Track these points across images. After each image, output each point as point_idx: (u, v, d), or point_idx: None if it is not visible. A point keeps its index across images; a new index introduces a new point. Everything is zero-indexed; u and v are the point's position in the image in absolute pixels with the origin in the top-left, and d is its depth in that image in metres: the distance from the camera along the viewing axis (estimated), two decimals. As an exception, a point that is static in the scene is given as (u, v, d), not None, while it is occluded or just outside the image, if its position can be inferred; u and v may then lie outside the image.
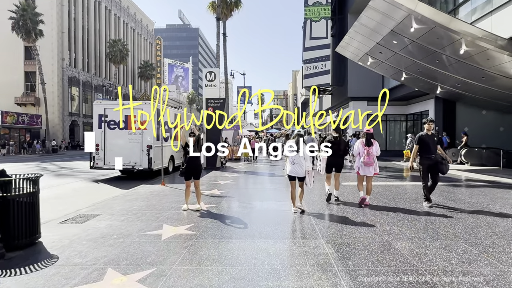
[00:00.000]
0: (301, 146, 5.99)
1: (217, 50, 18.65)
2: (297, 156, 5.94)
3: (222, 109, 14.23)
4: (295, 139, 6.11)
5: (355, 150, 7.27)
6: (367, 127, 7.18)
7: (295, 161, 5.95)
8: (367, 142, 6.89)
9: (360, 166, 6.91)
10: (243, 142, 15.74)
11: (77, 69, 47.23)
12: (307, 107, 60.00)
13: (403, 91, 19.75)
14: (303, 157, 5.98)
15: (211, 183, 9.89)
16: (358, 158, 7.01)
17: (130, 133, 11.78)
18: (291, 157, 5.99)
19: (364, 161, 6.79)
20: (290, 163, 6.02)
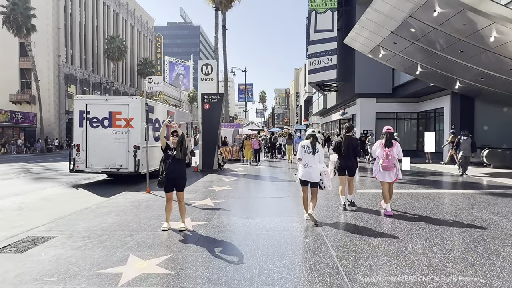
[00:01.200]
0: (316, 148, 5.37)
1: (215, 43, 17.28)
2: (311, 158, 5.31)
3: (219, 106, 12.89)
4: (309, 140, 5.46)
5: (373, 152, 6.24)
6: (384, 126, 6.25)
7: (308, 164, 5.32)
8: (386, 142, 5.97)
9: (378, 170, 6.01)
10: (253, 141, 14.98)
11: (74, 66, 45.98)
12: (310, 105, 58.52)
13: (415, 87, 18.32)
14: (318, 160, 5.34)
15: (205, 190, 8.54)
16: (376, 161, 6.13)
17: (115, 132, 10.45)
18: (304, 160, 5.36)
19: (383, 164, 5.87)
20: (303, 166, 5.38)
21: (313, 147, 5.36)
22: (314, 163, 5.32)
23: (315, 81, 22.69)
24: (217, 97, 12.83)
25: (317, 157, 5.34)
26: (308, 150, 5.37)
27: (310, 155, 5.31)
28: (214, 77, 12.94)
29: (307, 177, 5.34)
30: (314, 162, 5.32)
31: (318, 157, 5.35)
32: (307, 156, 5.34)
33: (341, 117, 27.36)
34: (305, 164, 5.36)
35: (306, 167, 5.34)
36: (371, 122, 21.37)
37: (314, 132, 5.69)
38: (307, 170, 5.32)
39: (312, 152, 5.33)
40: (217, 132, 12.92)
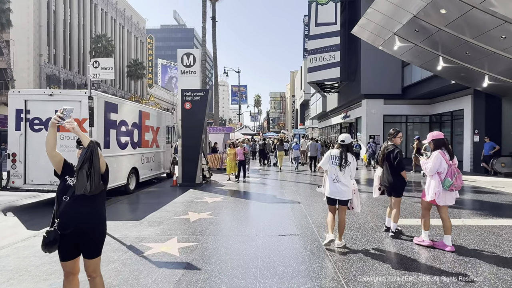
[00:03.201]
0: (348, 160, 4.45)
1: (203, 34, 14.92)
2: (340, 172, 4.45)
3: (204, 105, 10.48)
4: (340, 149, 4.55)
5: (434, 167, 4.41)
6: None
7: (338, 178, 4.48)
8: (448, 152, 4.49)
9: (443, 191, 4.37)
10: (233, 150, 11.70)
11: (57, 66, 43.29)
12: (306, 108, 56.34)
13: (430, 87, 16.14)
14: (349, 174, 4.49)
15: (174, 221, 6.09)
16: (436, 179, 4.39)
17: (63, 137, 7.97)
18: (331, 172, 4.54)
19: (456, 183, 4.32)
20: (331, 180, 4.53)
21: (343, 158, 4.43)
22: (344, 177, 4.45)
23: (315, 80, 20.43)
24: (201, 94, 10.41)
25: (347, 171, 4.45)
26: (336, 161, 4.48)
27: (338, 168, 4.43)
28: (197, 69, 10.55)
29: (337, 194, 4.47)
30: (344, 176, 4.44)
31: (349, 171, 4.46)
32: (335, 168, 4.47)
33: (343, 120, 25.12)
34: (334, 178, 4.48)
35: (335, 182, 4.46)
36: (378, 126, 19.13)
37: (345, 142, 4.53)
38: (337, 186, 4.45)
39: (339, 164, 4.43)
40: (201, 136, 10.48)
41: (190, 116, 10.42)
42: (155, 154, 12.00)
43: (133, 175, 10.13)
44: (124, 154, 9.45)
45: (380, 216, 6.13)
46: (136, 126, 10.28)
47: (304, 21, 35.12)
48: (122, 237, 5.00)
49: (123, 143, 9.41)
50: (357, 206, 4.64)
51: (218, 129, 16.21)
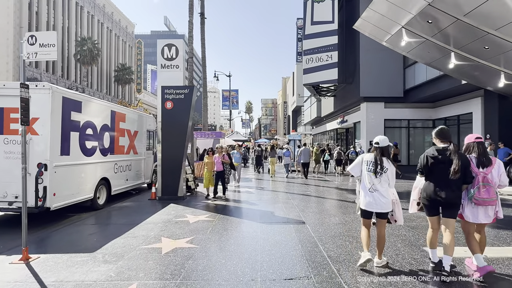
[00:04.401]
0: (384, 166, 3.69)
1: (189, 29, 13.45)
2: (376, 180, 3.70)
3: (188, 104, 8.96)
4: (374, 154, 3.77)
5: None
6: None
7: (374, 187, 3.72)
8: (480, 159, 3.63)
9: (467, 204, 3.65)
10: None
11: (39, 69, 41.30)
12: (298, 115, 55.25)
13: (434, 89, 14.99)
14: (386, 182, 3.73)
15: (142, 253, 4.52)
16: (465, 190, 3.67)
17: (7, 141, 6.36)
18: (366, 181, 3.80)
19: (480, 196, 3.48)
20: (367, 190, 3.77)
21: (379, 164, 3.74)
22: (382, 185, 3.74)
23: (311, 82, 19.12)
24: (185, 91, 8.90)
25: (384, 179, 3.74)
26: (370, 167, 3.79)
27: (373, 175, 3.74)
28: (180, 63, 9.05)
29: (374, 206, 3.75)
30: (381, 184, 3.73)
31: (387, 178, 3.75)
32: (370, 176, 3.77)
33: (339, 126, 23.85)
34: (369, 188, 3.79)
35: (372, 192, 3.76)
36: (378, 131, 17.81)
37: (380, 144, 3.83)
38: (374, 196, 3.74)
39: (375, 170, 3.74)
40: (185, 141, 8.93)
41: (172, 118, 8.88)
42: (133, 162, 10.40)
43: (103, 187, 8.50)
44: (90, 162, 7.84)
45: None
46: (108, 129, 8.69)
47: (297, 24, 34.10)
48: (56, 285, 3.42)
49: (90, 149, 7.81)
50: (400, 218, 3.98)
51: (206, 134, 14.62)
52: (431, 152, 3.73)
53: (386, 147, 3.82)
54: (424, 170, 3.74)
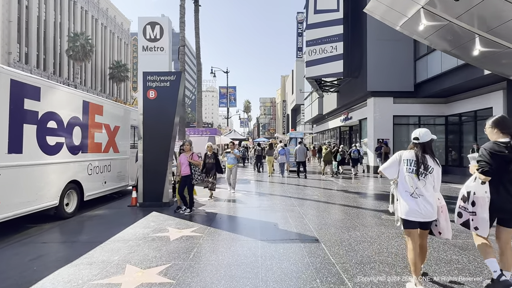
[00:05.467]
0: (428, 165, 3.03)
1: (181, 14, 12.05)
2: (420, 183, 3.02)
3: (175, 93, 7.57)
4: (414, 151, 3.13)
5: None
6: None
7: (418, 191, 3.03)
8: None
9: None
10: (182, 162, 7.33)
11: (29, 65, 39.75)
12: (298, 114, 53.91)
13: (447, 83, 13.68)
14: (431, 185, 3.05)
15: None
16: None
17: None
18: (410, 184, 3.06)
19: None
20: (408, 196, 3.06)
21: (421, 162, 3.04)
22: (426, 189, 3.02)
23: (314, 76, 17.75)
24: (171, 78, 7.50)
25: (429, 181, 3.02)
26: (412, 168, 3.06)
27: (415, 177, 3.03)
28: (165, 45, 7.67)
29: (419, 215, 3.01)
30: (426, 188, 3.01)
31: (431, 181, 3.03)
32: (412, 178, 3.05)
33: (343, 123, 22.51)
34: (412, 192, 3.04)
35: (415, 197, 3.02)
36: (387, 129, 16.54)
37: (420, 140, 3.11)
38: (418, 203, 3.01)
39: (417, 171, 3.03)
40: (171, 138, 7.54)
41: (156, 109, 7.49)
42: (113, 161, 9.02)
43: (72, 191, 7.12)
44: (54, 162, 6.44)
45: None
46: (79, 122, 7.30)
47: (297, 18, 32.75)
48: None
49: (53, 146, 6.41)
50: (446, 229, 3.23)
51: (199, 131, 13.21)
52: (495, 147, 2.94)
53: (428, 142, 3.13)
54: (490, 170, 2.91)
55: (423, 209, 3.01)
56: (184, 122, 12.39)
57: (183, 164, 6.89)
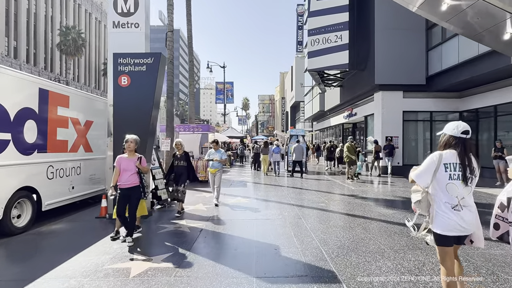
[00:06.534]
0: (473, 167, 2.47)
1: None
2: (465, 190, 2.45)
3: (153, 80, 6.16)
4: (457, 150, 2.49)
5: None
6: None
7: (464, 201, 2.44)
8: None
9: None
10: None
11: (18, 60, 38.22)
12: (297, 111, 52.53)
13: (465, 74, 12.34)
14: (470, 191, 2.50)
15: None
16: None
17: None
18: (454, 193, 2.44)
19: None
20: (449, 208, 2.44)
21: (467, 166, 2.46)
22: (470, 197, 2.50)
23: (317, 68, 16.37)
24: (148, 61, 6.10)
25: (473, 186, 2.52)
26: (457, 174, 2.44)
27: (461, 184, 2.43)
28: (140, 21, 6.29)
29: (462, 229, 2.44)
30: (470, 195, 2.50)
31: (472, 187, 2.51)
32: (456, 186, 2.43)
33: (346, 120, 21.13)
34: (456, 204, 2.43)
35: (458, 209, 2.42)
36: (396, 125, 15.18)
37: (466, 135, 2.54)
38: (463, 216, 2.42)
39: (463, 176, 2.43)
40: (147, 135, 6.14)
41: (129, 99, 6.09)
42: (84, 162, 7.64)
43: (25, 200, 5.74)
44: None
45: None
46: (33, 115, 5.91)
47: (297, 11, 31.31)
48: None
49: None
50: (479, 237, 2.55)
51: (190, 127, 11.78)
52: None
53: (469, 139, 2.55)
54: None
55: (468, 221, 2.45)
56: (172, 117, 11.00)
57: (127, 170, 4.74)
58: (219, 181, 7.59)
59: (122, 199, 4.69)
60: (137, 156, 4.88)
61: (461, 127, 2.54)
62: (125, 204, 4.69)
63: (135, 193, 4.75)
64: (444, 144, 2.57)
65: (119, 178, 4.73)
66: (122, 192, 4.70)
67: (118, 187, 4.72)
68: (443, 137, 2.63)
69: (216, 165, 7.51)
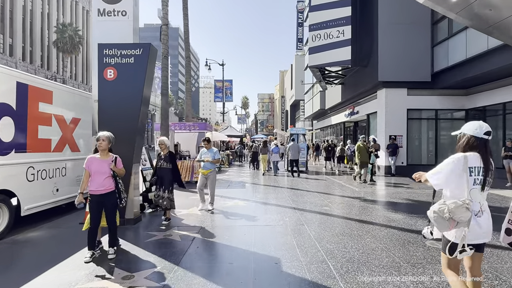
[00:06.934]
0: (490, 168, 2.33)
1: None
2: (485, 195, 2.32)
3: (141, 72, 5.62)
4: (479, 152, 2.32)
5: None
6: None
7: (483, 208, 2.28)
8: None
9: None
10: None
11: (14, 58, 37.63)
12: (297, 110, 52.00)
13: (472, 71, 11.85)
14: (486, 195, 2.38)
15: None
16: None
17: None
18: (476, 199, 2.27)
19: None
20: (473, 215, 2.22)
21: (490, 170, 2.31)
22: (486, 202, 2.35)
23: (318, 64, 15.84)
24: (136, 52, 5.58)
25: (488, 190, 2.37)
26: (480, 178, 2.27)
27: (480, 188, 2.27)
28: (128, 8, 5.76)
29: (481, 236, 2.29)
30: (485, 200, 2.34)
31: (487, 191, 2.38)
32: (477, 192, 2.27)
33: (348, 118, 20.61)
34: (478, 211, 2.26)
35: (479, 216, 2.27)
36: (400, 124, 14.67)
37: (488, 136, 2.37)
38: (480, 222, 2.26)
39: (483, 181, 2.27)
40: (135, 134, 5.62)
41: (116, 94, 5.56)
42: (70, 163, 7.11)
43: (2, 205, 5.22)
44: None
45: None
46: (9, 111, 5.38)
47: (297, 7, 30.75)
48: None
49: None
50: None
51: (186, 125, 11.20)
52: None
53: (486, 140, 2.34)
54: None
55: (487, 228, 2.30)
56: (167, 115, 10.47)
57: (100, 174, 4.03)
58: (213, 184, 6.88)
59: (96, 207, 4.03)
60: (112, 157, 4.21)
61: (484, 127, 2.36)
62: (99, 214, 4.07)
63: (110, 200, 4.10)
64: (464, 145, 2.36)
65: (90, 182, 4.06)
66: (94, 199, 4.03)
67: (89, 193, 4.07)
68: (462, 137, 2.41)
69: (208, 166, 6.83)
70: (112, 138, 4.27)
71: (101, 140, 4.12)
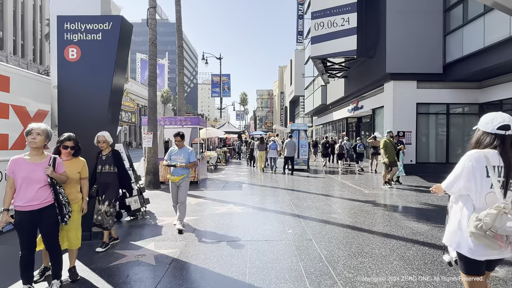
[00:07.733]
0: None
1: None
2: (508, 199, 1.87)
3: (110, 53, 4.57)
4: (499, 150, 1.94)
5: None
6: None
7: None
8: None
9: None
10: None
11: (4, 52, 36.40)
12: (296, 106, 50.92)
13: (491, 60, 10.82)
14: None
15: None
16: None
17: None
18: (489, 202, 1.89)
19: None
20: None
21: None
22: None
23: (321, 55, 14.76)
24: (104, 26, 4.49)
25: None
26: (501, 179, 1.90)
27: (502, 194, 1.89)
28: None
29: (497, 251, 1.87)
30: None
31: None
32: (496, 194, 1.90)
33: (351, 114, 19.57)
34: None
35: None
36: (409, 119, 13.64)
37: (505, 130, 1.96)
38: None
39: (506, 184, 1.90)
40: (106, 127, 4.57)
41: (79, 79, 4.51)
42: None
43: None
44: None
45: None
46: None
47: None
48: None
49: None
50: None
51: (176, 120, 10.09)
52: None
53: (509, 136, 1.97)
54: None
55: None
56: (155, 108, 9.41)
57: (32, 182, 2.90)
58: (184, 194, 5.24)
59: (27, 228, 2.89)
60: (48, 157, 3.06)
61: (497, 120, 2.00)
62: (31, 236, 2.96)
63: (47, 217, 2.96)
64: (474, 141, 2.09)
65: (17, 195, 2.89)
66: (23, 218, 2.87)
67: (15, 210, 2.91)
68: (477, 132, 2.11)
69: (179, 172, 5.20)
70: (48, 133, 3.04)
71: (34, 134, 2.89)
